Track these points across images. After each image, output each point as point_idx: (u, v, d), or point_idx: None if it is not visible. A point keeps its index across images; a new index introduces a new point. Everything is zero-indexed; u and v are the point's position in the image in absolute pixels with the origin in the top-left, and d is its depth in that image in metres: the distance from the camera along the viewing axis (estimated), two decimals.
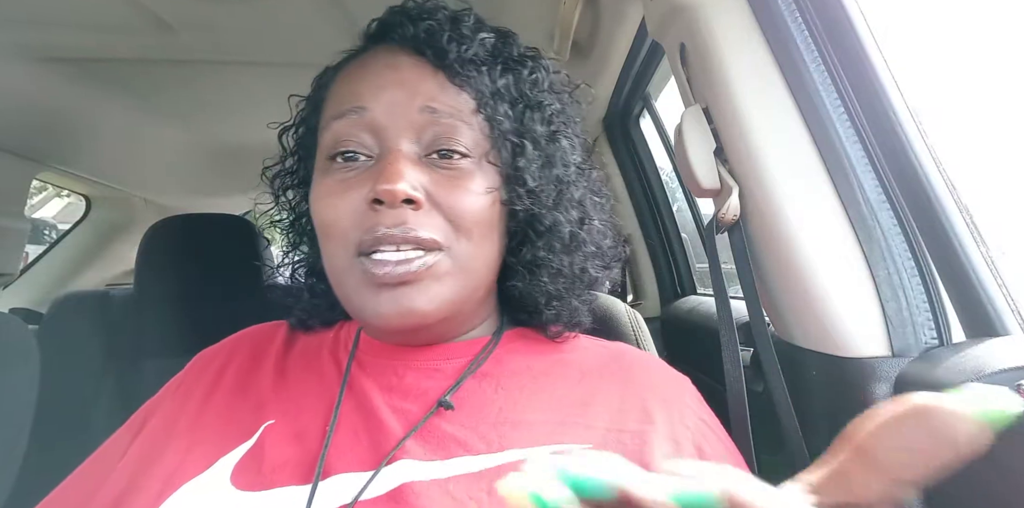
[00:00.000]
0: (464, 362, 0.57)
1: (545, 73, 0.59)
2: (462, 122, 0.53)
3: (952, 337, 0.60)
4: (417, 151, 0.53)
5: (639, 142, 1.63)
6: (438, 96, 0.53)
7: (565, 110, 0.61)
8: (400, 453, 0.49)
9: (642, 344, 0.80)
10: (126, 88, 1.46)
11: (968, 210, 0.59)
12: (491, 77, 0.55)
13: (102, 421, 0.60)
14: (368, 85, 0.54)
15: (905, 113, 0.61)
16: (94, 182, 2.11)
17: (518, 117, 0.56)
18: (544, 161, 0.56)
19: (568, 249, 0.58)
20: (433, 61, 0.54)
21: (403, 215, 0.50)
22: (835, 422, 0.64)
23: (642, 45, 1.19)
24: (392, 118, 0.52)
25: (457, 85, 0.54)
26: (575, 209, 0.58)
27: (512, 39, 0.59)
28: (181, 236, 1.55)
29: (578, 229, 0.58)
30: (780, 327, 0.72)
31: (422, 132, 0.53)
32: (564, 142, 0.59)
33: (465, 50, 0.54)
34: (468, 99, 0.54)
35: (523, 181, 0.54)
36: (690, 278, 1.57)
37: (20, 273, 2.08)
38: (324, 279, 0.58)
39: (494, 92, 0.55)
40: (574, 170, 0.59)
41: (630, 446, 0.51)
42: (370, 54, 0.57)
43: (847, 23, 0.63)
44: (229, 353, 0.63)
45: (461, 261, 0.52)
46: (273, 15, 1.12)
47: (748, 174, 0.67)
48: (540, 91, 0.58)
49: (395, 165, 0.50)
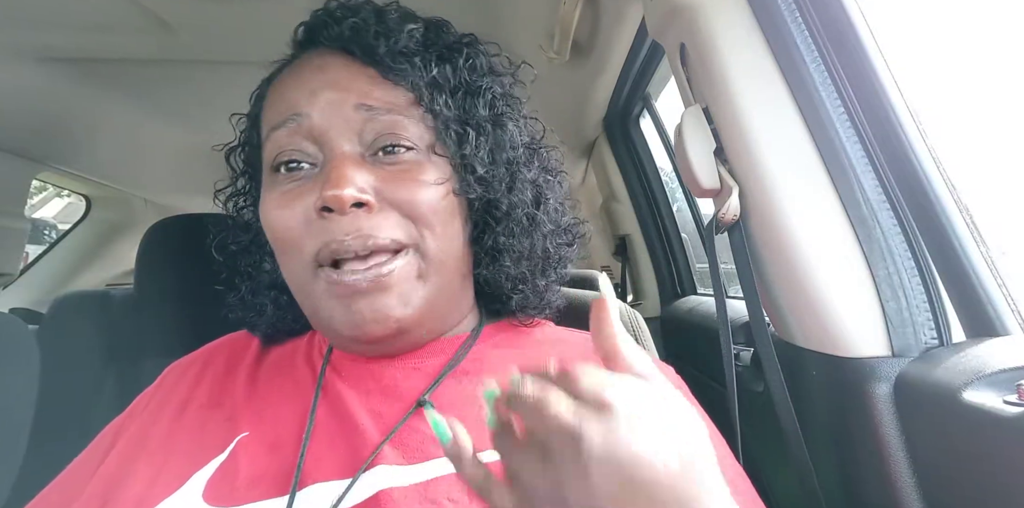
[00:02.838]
0: (444, 360, 0.56)
1: (484, 58, 0.58)
2: (402, 116, 0.52)
3: (952, 337, 0.60)
4: (360, 151, 0.52)
5: (639, 142, 1.63)
6: (372, 92, 0.52)
7: (509, 93, 0.60)
8: (378, 458, 0.48)
9: (642, 344, 0.80)
10: (126, 88, 1.46)
11: (968, 210, 0.59)
12: (426, 68, 0.53)
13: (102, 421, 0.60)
14: (301, 91, 0.53)
15: (905, 113, 0.61)
16: (94, 182, 2.12)
17: (459, 105, 0.55)
18: (492, 146, 0.56)
19: (527, 231, 0.57)
20: (363, 58, 0.53)
21: (356, 221, 0.48)
22: (835, 422, 0.64)
23: (642, 45, 1.19)
24: (330, 121, 0.51)
25: (391, 80, 0.52)
26: (529, 190, 0.58)
27: (444, 27, 0.58)
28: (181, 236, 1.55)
29: (534, 210, 0.57)
30: (780, 327, 0.72)
31: (362, 131, 0.51)
32: (510, 125, 0.58)
33: (394, 43, 0.53)
34: (405, 92, 0.53)
35: (472, 169, 0.53)
36: (690, 278, 1.57)
37: (20, 273, 2.08)
38: (286, 291, 0.56)
39: (431, 83, 0.53)
40: (523, 152, 0.58)
41: None
42: (300, 60, 0.56)
43: (847, 23, 0.63)
44: (203, 364, 0.61)
45: (431, 255, 0.51)
46: (273, 15, 1.12)
47: (748, 174, 0.67)
48: (479, 76, 0.57)
49: (339, 169, 0.49)
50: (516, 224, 0.56)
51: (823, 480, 0.65)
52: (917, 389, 0.55)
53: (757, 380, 0.78)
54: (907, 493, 0.55)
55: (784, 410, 0.66)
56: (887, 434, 0.56)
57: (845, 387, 0.60)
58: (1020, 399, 0.44)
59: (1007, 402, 0.45)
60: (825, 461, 0.65)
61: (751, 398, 0.75)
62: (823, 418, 0.66)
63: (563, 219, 0.61)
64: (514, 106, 0.60)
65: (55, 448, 0.79)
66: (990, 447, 0.46)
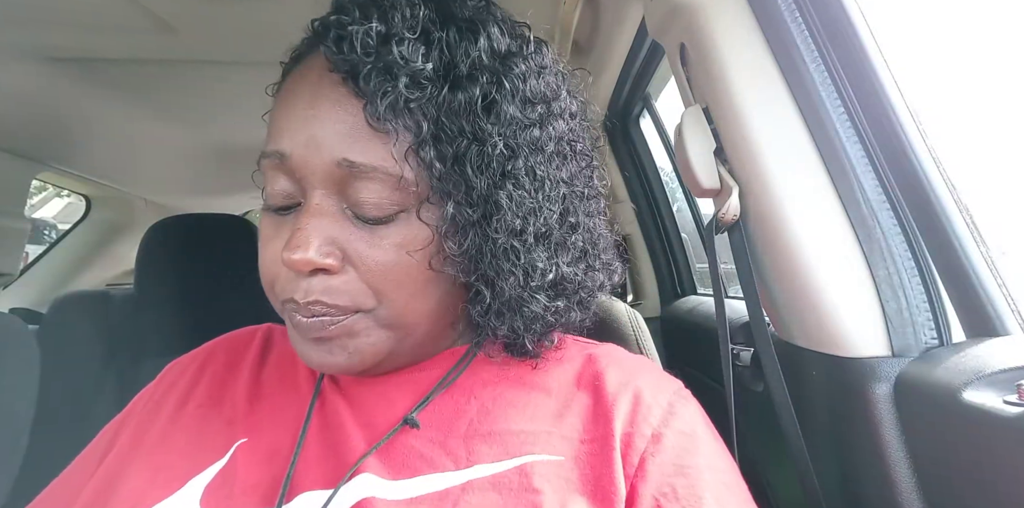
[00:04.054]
0: (440, 373, 0.54)
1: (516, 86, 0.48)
2: (388, 175, 0.45)
3: (952, 337, 0.60)
4: (334, 203, 0.46)
5: (639, 142, 1.63)
6: (358, 145, 0.45)
7: (541, 126, 0.50)
8: (362, 468, 0.47)
9: (642, 344, 0.80)
10: (126, 88, 1.46)
11: (968, 210, 0.59)
12: (427, 115, 0.45)
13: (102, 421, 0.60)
14: (288, 123, 0.47)
15: (905, 113, 0.61)
16: (94, 182, 2.12)
17: (459, 159, 0.46)
18: (483, 215, 0.47)
19: (511, 309, 0.50)
20: (357, 94, 0.45)
21: (312, 287, 0.46)
22: (835, 422, 0.64)
23: (642, 45, 1.19)
24: (309, 168, 0.46)
25: (382, 132, 0.44)
26: (522, 267, 0.49)
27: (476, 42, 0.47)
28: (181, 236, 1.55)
29: (522, 291, 0.49)
30: (780, 327, 0.72)
31: (343, 184, 0.46)
32: (524, 180, 0.48)
33: (393, 88, 0.43)
34: (395, 146, 0.45)
35: (452, 245, 0.47)
36: (690, 278, 1.57)
37: (20, 273, 2.08)
38: None
39: (430, 135, 0.45)
40: (533, 229, 0.49)
41: (599, 457, 0.48)
42: (299, 75, 0.50)
43: (847, 23, 0.63)
44: (203, 362, 0.61)
45: (386, 320, 0.48)
46: (273, 15, 1.12)
47: (748, 174, 0.67)
48: (496, 122, 0.47)
49: (303, 230, 0.45)
50: (500, 306, 0.50)
51: (823, 480, 0.65)
52: (917, 389, 0.55)
53: (757, 380, 0.79)
54: (907, 493, 0.55)
55: (784, 410, 0.66)
56: (887, 434, 0.56)
57: (845, 387, 0.60)
58: (1020, 399, 0.44)
59: (1007, 402, 0.45)
60: (825, 461, 0.65)
61: (751, 398, 0.75)
62: (823, 418, 0.66)
63: (575, 285, 0.53)
64: (548, 158, 0.50)
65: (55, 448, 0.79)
66: (990, 447, 0.46)
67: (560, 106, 0.52)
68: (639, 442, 0.48)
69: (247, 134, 1.86)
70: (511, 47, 0.49)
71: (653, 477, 0.47)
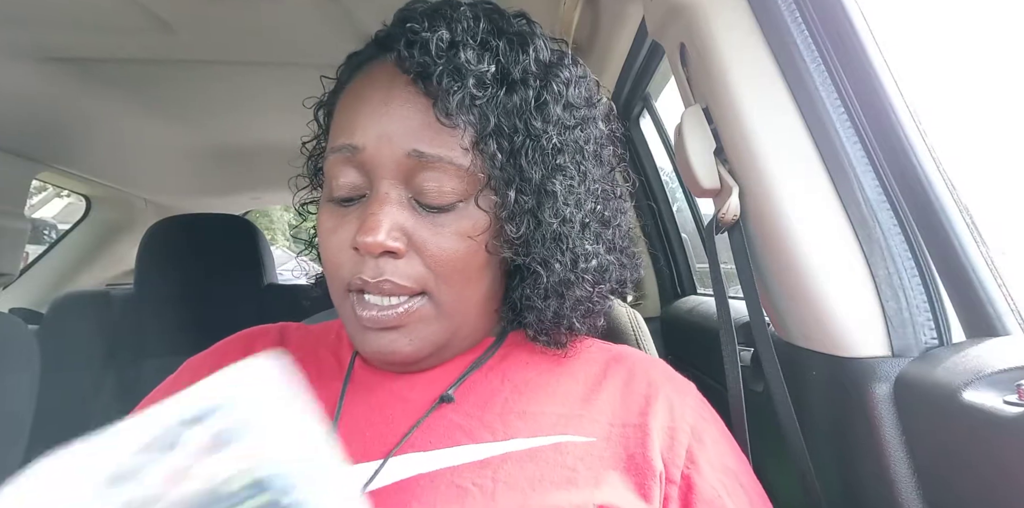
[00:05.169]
0: (470, 359, 0.58)
1: (560, 91, 0.54)
2: (452, 165, 0.50)
3: (952, 337, 0.60)
4: (403, 194, 0.51)
5: (639, 142, 1.63)
6: (428, 137, 0.50)
7: (582, 128, 0.56)
8: (406, 445, 0.50)
9: (642, 344, 0.80)
10: (126, 88, 1.46)
11: (968, 210, 0.59)
12: (491, 114, 0.51)
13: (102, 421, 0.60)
14: (360, 120, 0.52)
15: (905, 113, 0.61)
16: (94, 182, 2.12)
17: (516, 153, 0.52)
18: (537, 203, 0.53)
19: (558, 292, 0.55)
20: (426, 93, 0.50)
21: (382, 267, 0.50)
22: (835, 422, 0.64)
23: (642, 45, 1.19)
24: (380, 159, 0.51)
25: (449, 126, 0.50)
26: (571, 251, 0.54)
27: (526, 52, 0.53)
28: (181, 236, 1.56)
29: (571, 274, 0.54)
30: (780, 327, 0.72)
31: (410, 175, 0.51)
32: (571, 172, 0.54)
33: (462, 88, 0.49)
34: (460, 140, 0.50)
35: (511, 229, 0.52)
36: (690, 278, 1.57)
37: (20, 273, 2.08)
38: None
39: (491, 133, 0.51)
40: (580, 219, 0.55)
41: (632, 439, 0.52)
42: (370, 75, 0.55)
43: (847, 23, 0.63)
44: (218, 360, 0.62)
45: (443, 307, 0.53)
46: (273, 15, 1.12)
47: (748, 174, 0.67)
48: (546, 121, 0.53)
49: (376, 215, 0.49)
50: (541, 287, 0.54)
51: (823, 480, 0.65)
52: (917, 389, 0.55)
53: (757, 380, 0.78)
54: (907, 493, 0.55)
55: (784, 410, 0.66)
56: (887, 434, 0.56)
57: (845, 387, 0.60)
58: (1020, 399, 0.44)
59: (1007, 402, 0.45)
60: (825, 461, 0.65)
61: (751, 398, 0.75)
62: (823, 418, 0.66)
63: (609, 274, 0.58)
64: (586, 146, 0.56)
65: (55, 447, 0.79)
66: (990, 447, 0.46)
67: (593, 113, 0.59)
68: (682, 437, 0.53)
69: (247, 134, 1.86)
70: (553, 57, 0.56)
71: (706, 471, 0.51)
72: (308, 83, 0.62)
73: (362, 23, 1.13)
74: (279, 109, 0.60)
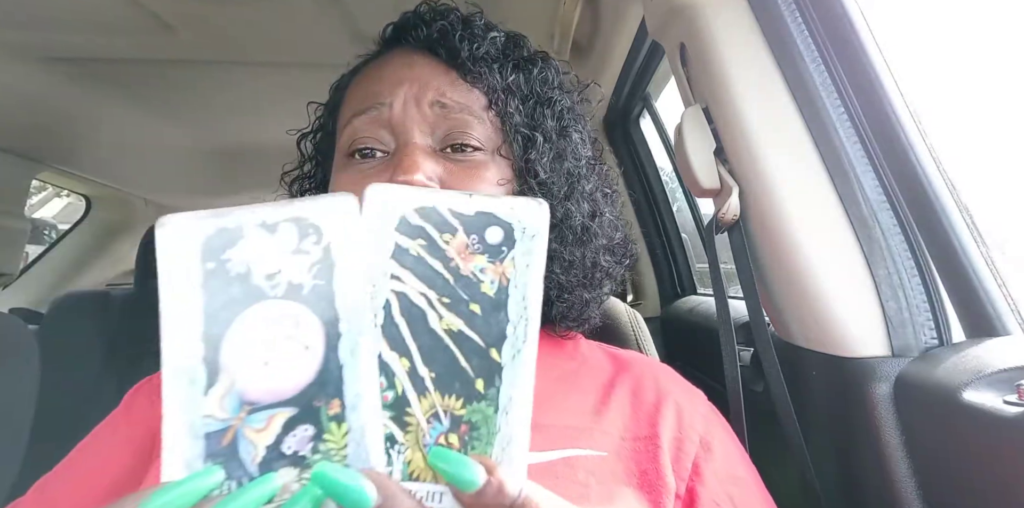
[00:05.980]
0: None
1: (554, 73, 0.62)
2: (473, 117, 0.55)
3: (952, 337, 0.60)
4: (431, 144, 0.55)
5: (639, 142, 1.63)
6: (449, 92, 0.55)
7: (574, 108, 0.63)
8: None
9: (642, 344, 0.80)
10: (126, 88, 1.46)
11: (968, 210, 0.59)
12: (502, 74, 0.57)
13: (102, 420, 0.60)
14: (386, 83, 0.57)
15: (905, 113, 0.61)
16: (94, 182, 2.12)
17: (529, 112, 0.58)
18: (555, 154, 0.58)
19: (580, 241, 0.58)
20: (446, 59, 0.57)
21: None
22: (835, 422, 0.64)
23: (642, 45, 1.19)
24: (407, 113, 0.55)
25: (469, 82, 0.56)
26: (586, 202, 0.59)
27: (522, 41, 0.62)
28: None
29: (589, 222, 0.59)
30: (780, 327, 0.72)
31: (436, 126, 0.55)
32: (575, 136, 0.60)
33: (476, 48, 0.56)
34: (480, 95, 0.56)
35: (535, 173, 0.56)
36: (690, 278, 1.57)
37: (20, 273, 2.08)
38: None
39: (505, 88, 0.57)
40: (585, 164, 0.61)
41: (644, 454, 0.51)
42: (386, 56, 0.60)
43: (847, 23, 0.63)
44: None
45: None
46: (273, 15, 1.12)
47: (748, 174, 0.67)
48: (550, 88, 0.60)
49: (411, 157, 0.52)
50: (570, 232, 0.57)
51: (823, 480, 0.65)
52: (917, 389, 0.55)
53: (757, 380, 0.78)
54: (907, 493, 0.55)
55: (784, 410, 0.66)
56: (887, 434, 0.56)
57: (845, 387, 0.60)
58: (1020, 399, 0.44)
59: (1007, 402, 0.45)
60: (825, 461, 0.65)
61: (751, 398, 0.75)
62: (823, 418, 0.66)
63: (616, 235, 0.62)
64: (579, 121, 0.63)
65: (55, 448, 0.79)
66: (990, 447, 0.46)
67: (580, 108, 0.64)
68: (689, 447, 0.53)
69: (247, 134, 1.86)
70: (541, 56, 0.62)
71: (711, 482, 0.51)
72: (308, 83, 0.62)
73: (362, 24, 1.13)
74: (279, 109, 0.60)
